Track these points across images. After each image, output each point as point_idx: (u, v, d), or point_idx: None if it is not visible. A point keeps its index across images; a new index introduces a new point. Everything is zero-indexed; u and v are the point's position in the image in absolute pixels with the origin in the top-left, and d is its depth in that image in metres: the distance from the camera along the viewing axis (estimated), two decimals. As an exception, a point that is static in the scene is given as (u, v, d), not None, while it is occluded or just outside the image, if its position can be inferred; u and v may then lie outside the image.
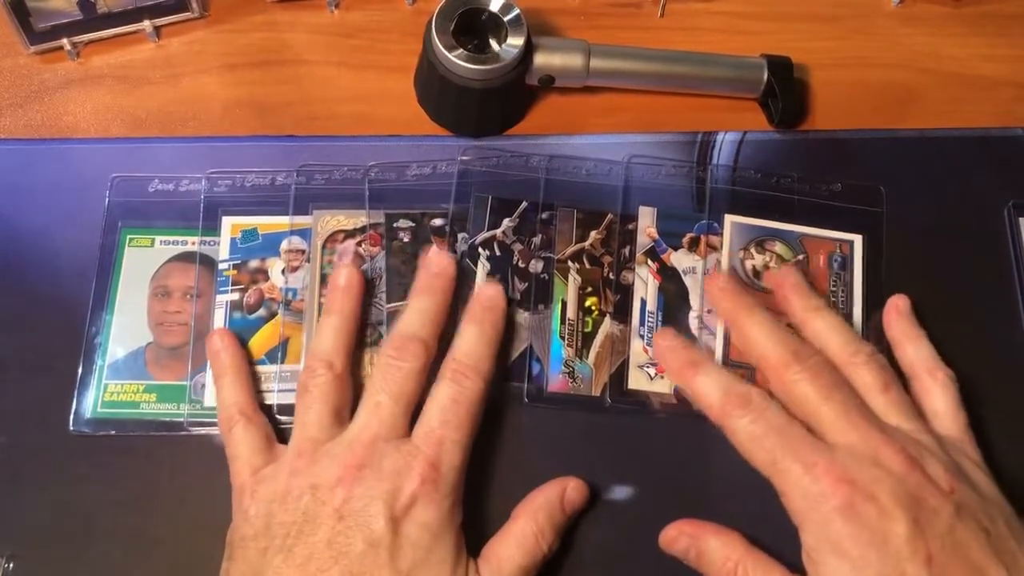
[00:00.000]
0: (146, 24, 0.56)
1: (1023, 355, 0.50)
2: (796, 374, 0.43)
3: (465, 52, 0.49)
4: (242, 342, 0.47)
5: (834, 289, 0.50)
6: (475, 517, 0.43)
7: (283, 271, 0.50)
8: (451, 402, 0.42)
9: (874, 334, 0.49)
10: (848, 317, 0.50)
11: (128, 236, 0.50)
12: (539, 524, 0.42)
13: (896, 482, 0.39)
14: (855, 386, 0.44)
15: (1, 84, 0.55)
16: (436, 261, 0.47)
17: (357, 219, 0.51)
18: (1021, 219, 0.53)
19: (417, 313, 0.45)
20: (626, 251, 0.50)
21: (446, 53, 0.49)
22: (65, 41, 0.55)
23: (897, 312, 0.48)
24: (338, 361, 0.44)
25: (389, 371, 0.43)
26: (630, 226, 0.51)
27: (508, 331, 0.47)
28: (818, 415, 0.42)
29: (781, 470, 0.40)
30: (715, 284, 0.48)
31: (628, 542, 0.45)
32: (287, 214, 0.51)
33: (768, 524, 0.41)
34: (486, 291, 0.47)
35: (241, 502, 0.42)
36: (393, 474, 0.40)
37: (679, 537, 0.43)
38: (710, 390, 0.43)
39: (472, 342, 0.45)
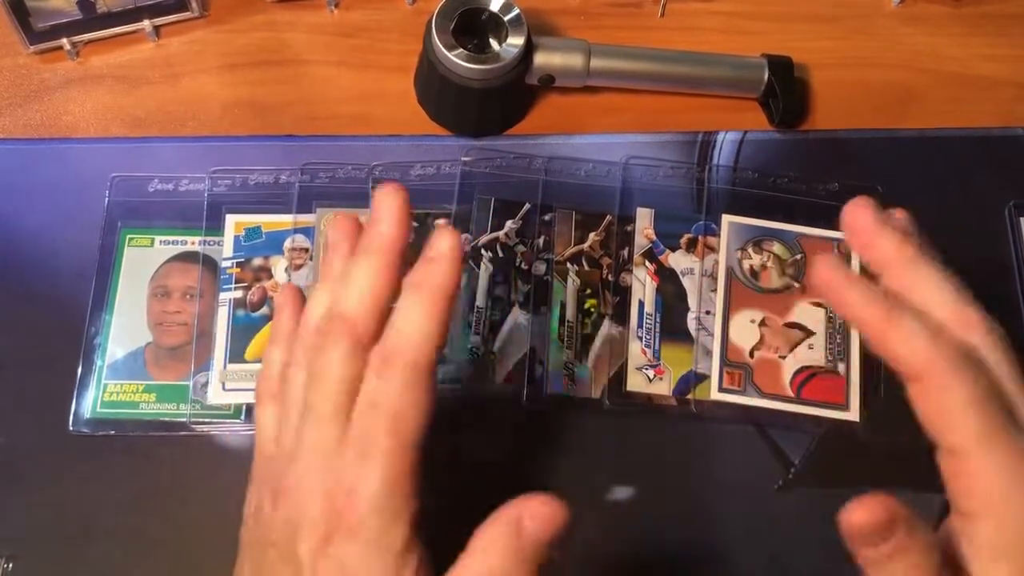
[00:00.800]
0: (146, 24, 0.56)
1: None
2: (985, 336, 0.33)
3: (465, 52, 0.49)
4: (244, 340, 0.48)
5: (833, 290, 0.50)
6: (474, 523, 0.43)
7: (286, 269, 0.50)
8: (370, 407, 0.33)
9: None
10: (847, 318, 0.49)
11: (128, 236, 0.50)
12: (490, 566, 0.32)
13: None
14: None
15: (1, 84, 0.55)
16: (438, 242, 0.34)
17: (361, 218, 0.51)
18: (1021, 219, 0.53)
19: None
20: (625, 253, 0.50)
21: (446, 53, 0.49)
22: (65, 41, 0.55)
23: (863, 212, 0.35)
24: (364, 323, 0.34)
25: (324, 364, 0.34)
26: (628, 228, 0.51)
27: (514, 338, 0.47)
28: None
29: (985, 445, 0.31)
30: (866, 217, 0.35)
31: (628, 543, 0.45)
32: (291, 212, 0.51)
33: (765, 525, 0.41)
34: (434, 242, 0.34)
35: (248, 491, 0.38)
36: (315, 499, 0.32)
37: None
38: (915, 341, 0.32)
39: (405, 316, 0.34)
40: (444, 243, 0.34)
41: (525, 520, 0.33)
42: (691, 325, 0.49)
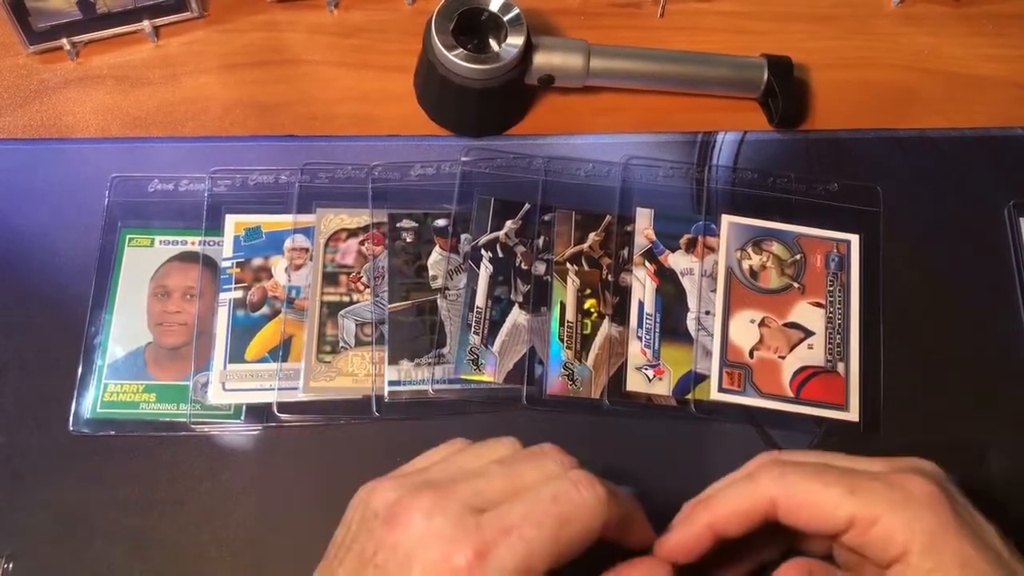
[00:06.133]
0: (145, 24, 0.56)
1: None
2: None
3: (465, 52, 0.49)
4: (244, 340, 0.48)
5: (831, 289, 0.50)
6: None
7: (286, 269, 0.50)
8: (551, 501, 0.34)
9: (872, 344, 0.49)
10: (845, 317, 0.50)
11: (128, 236, 0.50)
12: None
13: None
14: None
15: (1, 84, 0.55)
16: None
17: (360, 218, 0.51)
18: (1021, 219, 0.53)
19: None
20: (624, 253, 0.50)
21: (446, 53, 0.49)
22: (64, 41, 0.55)
23: None
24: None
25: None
26: (628, 228, 0.51)
27: (514, 338, 0.47)
28: None
29: None
30: None
31: (627, 542, 0.45)
32: (291, 212, 0.51)
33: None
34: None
35: None
36: (435, 541, 0.32)
37: None
38: None
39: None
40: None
41: None
42: (691, 325, 0.49)
